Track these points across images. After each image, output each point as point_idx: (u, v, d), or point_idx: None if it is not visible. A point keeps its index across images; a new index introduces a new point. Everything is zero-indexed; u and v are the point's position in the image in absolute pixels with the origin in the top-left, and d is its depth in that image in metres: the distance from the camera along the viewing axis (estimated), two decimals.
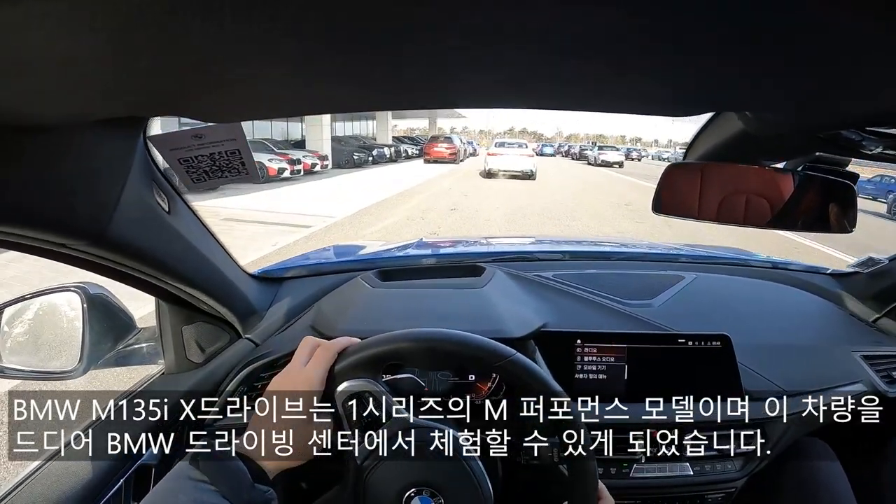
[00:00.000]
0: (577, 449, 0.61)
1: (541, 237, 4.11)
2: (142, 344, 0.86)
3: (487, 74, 0.40)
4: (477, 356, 0.63)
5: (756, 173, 0.81)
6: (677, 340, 0.89)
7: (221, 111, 0.50)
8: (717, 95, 0.49)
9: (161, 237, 0.65)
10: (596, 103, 0.53)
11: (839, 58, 0.34)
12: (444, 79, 0.42)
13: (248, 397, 0.86)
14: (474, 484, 0.62)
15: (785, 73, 0.39)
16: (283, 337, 0.94)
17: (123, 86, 0.39)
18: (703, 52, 0.35)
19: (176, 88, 0.41)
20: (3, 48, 0.30)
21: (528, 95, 0.48)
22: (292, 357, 0.60)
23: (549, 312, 0.96)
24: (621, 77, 0.41)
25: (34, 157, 0.44)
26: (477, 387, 0.85)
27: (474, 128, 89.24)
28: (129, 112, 0.48)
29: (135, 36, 0.29)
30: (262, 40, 0.32)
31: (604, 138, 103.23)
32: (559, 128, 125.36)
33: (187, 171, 0.63)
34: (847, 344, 1.03)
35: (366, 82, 0.42)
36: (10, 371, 0.85)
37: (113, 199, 0.54)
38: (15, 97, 0.37)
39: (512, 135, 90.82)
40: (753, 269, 1.25)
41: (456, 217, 8.53)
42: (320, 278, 1.10)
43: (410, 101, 0.49)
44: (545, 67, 0.39)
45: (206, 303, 0.80)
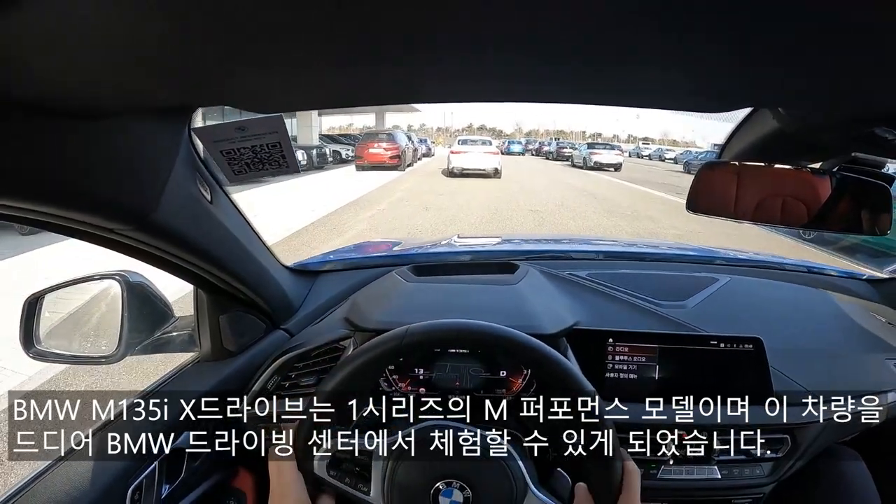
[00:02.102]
0: (604, 449, 0.62)
1: (574, 236, 4.07)
2: (179, 332, 0.88)
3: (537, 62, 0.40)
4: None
5: (793, 175, 0.80)
6: (709, 342, 0.88)
7: (267, 100, 0.51)
8: (751, 91, 0.48)
9: (203, 226, 0.67)
10: (629, 99, 0.53)
11: (873, 52, 0.34)
12: (455, 70, 0.42)
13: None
14: (504, 476, 0.63)
15: (820, 68, 0.38)
16: (318, 328, 0.96)
17: (174, 72, 0.40)
18: (737, 46, 0.34)
19: (225, 75, 0.42)
20: (61, 30, 0.31)
21: (554, 90, 0.48)
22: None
23: (582, 311, 0.96)
24: (659, 72, 0.41)
25: (86, 142, 0.46)
26: (509, 382, 0.85)
27: (432, 124, 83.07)
28: (177, 101, 0.49)
29: (186, 20, 0.30)
30: (310, 28, 0.32)
31: (564, 134, 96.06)
32: (518, 123, 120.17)
33: (229, 162, 0.65)
34: (882, 352, 1.01)
35: (410, 74, 0.42)
36: (49, 355, 0.88)
37: (159, 187, 0.56)
38: (68, 82, 0.38)
39: (471, 131, 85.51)
40: (788, 273, 1.23)
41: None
42: (355, 272, 1.11)
43: (439, 94, 0.49)
44: (590, 63, 0.39)
45: (244, 292, 0.82)
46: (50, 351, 0.87)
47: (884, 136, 0.63)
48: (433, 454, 0.63)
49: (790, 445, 0.86)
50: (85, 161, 0.47)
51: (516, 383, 0.85)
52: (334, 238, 6.05)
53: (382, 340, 0.62)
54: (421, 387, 0.85)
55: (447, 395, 0.84)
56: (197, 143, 0.64)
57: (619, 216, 8.33)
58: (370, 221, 7.26)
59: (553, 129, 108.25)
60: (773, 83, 0.44)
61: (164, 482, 0.75)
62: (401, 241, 1.62)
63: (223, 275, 0.75)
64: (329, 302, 1.02)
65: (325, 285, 1.07)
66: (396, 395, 0.85)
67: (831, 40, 0.33)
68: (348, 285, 1.06)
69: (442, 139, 50.61)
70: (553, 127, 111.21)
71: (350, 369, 0.61)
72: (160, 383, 0.84)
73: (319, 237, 6.14)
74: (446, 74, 0.45)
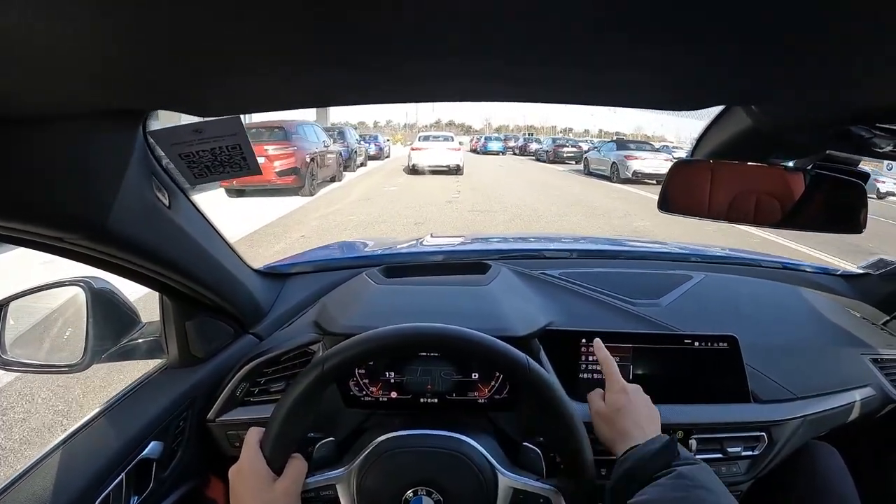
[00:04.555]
0: (579, 456, 0.61)
1: (549, 235, 4.06)
2: (146, 338, 0.86)
3: (482, 65, 0.39)
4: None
5: (767, 172, 0.79)
6: (684, 341, 0.88)
7: (219, 104, 0.49)
8: (722, 90, 0.48)
9: (161, 232, 0.64)
10: (601, 98, 0.52)
11: (845, 51, 0.33)
12: (443, 69, 0.41)
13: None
14: (469, 471, 0.62)
15: (793, 66, 0.37)
16: (288, 332, 0.94)
17: (117, 76, 0.38)
18: (710, 43, 0.34)
19: (172, 80, 0.40)
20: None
21: (525, 89, 0.47)
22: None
23: (555, 311, 0.95)
24: (627, 69, 0.40)
25: (30, 148, 0.44)
26: (479, 386, 0.84)
27: (398, 120, 79.17)
28: (123, 104, 0.47)
29: (128, 21, 0.29)
30: (259, 29, 0.31)
31: (535, 129, 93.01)
32: (488, 119, 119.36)
33: (189, 166, 0.63)
34: (857, 347, 1.02)
35: (364, 74, 0.41)
36: (14, 364, 0.85)
37: (111, 194, 0.54)
38: (8, 86, 0.36)
39: (439, 127, 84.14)
40: (763, 270, 1.23)
41: None
42: (326, 274, 1.10)
43: (410, 94, 0.48)
44: (552, 58, 0.38)
45: (209, 297, 0.80)
46: (16, 360, 0.85)
47: (859, 133, 0.62)
48: (396, 466, 0.62)
49: (767, 443, 0.86)
50: (27, 167, 0.45)
51: (488, 385, 0.84)
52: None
53: (303, 374, 0.61)
54: (392, 391, 0.84)
55: (418, 398, 0.83)
56: (155, 147, 0.62)
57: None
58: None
59: (524, 124, 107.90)
60: (743, 83, 0.44)
61: (132, 494, 0.73)
62: (372, 240, 1.60)
63: (186, 280, 0.73)
64: (299, 305, 1.00)
65: (295, 288, 1.05)
66: (360, 406, 0.84)
67: (802, 40, 0.32)
68: (319, 287, 1.04)
69: (401, 136, 45.08)
70: (523, 122, 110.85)
71: (284, 413, 0.60)
72: (127, 391, 0.81)
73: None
74: (404, 76, 0.44)
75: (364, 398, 0.84)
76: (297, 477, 0.60)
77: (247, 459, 0.60)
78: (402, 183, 12.41)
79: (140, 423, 0.75)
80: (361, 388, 0.84)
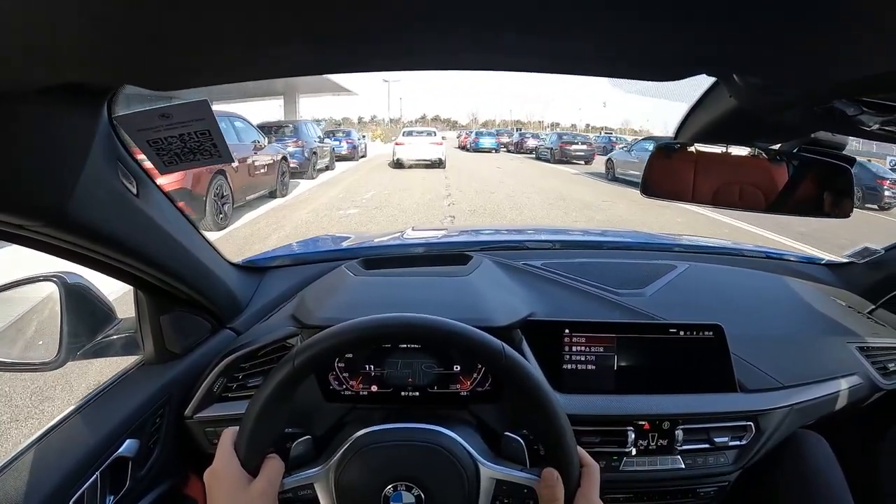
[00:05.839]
0: (561, 445, 0.59)
1: (531, 226, 4.05)
2: (122, 335, 0.84)
3: (455, 31, 0.37)
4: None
5: (750, 162, 0.78)
6: (668, 330, 0.87)
7: (170, 76, 0.46)
8: (700, 58, 0.46)
9: (129, 221, 0.62)
10: (574, 65, 0.50)
11: (827, 18, 0.32)
12: (409, 36, 0.39)
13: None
14: (450, 464, 0.61)
15: (771, 32, 0.36)
16: (266, 326, 0.92)
17: (64, 47, 0.36)
18: (681, 10, 0.32)
19: (117, 48, 0.38)
20: None
21: (497, 56, 0.45)
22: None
23: (537, 301, 0.94)
24: (604, 38, 0.39)
25: None
26: (460, 378, 0.83)
27: (384, 115, 75.35)
28: (77, 79, 0.45)
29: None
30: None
31: (522, 124, 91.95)
32: (474, 113, 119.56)
33: (158, 153, 0.61)
34: (842, 335, 1.01)
35: (322, 41, 0.39)
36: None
37: (73, 180, 0.52)
38: None
39: (424, 122, 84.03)
40: (747, 259, 1.23)
41: None
42: (305, 267, 1.08)
43: (373, 63, 0.46)
44: (516, 24, 0.36)
45: (184, 291, 0.78)
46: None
47: (843, 110, 0.61)
48: (374, 461, 0.61)
49: (754, 433, 0.85)
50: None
51: (470, 378, 0.83)
52: None
53: (274, 371, 0.58)
54: (373, 384, 0.82)
55: (399, 391, 0.82)
56: (122, 133, 0.60)
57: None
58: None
59: (510, 118, 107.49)
60: (720, 48, 0.42)
61: (107, 493, 0.71)
62: (352, 235, 1.59)
63: (160, 273, 0.71)
64: (277, 299, 0.99)
65: (274, 281, 1.03)
66: (340, 400, 0.82)
67: (780, 5, 0.31)
68: (297, 281, 1.03)
69: (381, 132, 41.33)
70: (510, 117, 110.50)
71: (257, 412, 0.57)
72: (101, 389, 0.79)
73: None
74: (369, 48, 0.42)
75: (344, 392, 0.82)
76: (274, 477, 0.59)
77: (221, 461, 0.58)
78: (372, 199, 8.61)
79: (115, 420, 0.73)
80: (341, 383, 0.82)
